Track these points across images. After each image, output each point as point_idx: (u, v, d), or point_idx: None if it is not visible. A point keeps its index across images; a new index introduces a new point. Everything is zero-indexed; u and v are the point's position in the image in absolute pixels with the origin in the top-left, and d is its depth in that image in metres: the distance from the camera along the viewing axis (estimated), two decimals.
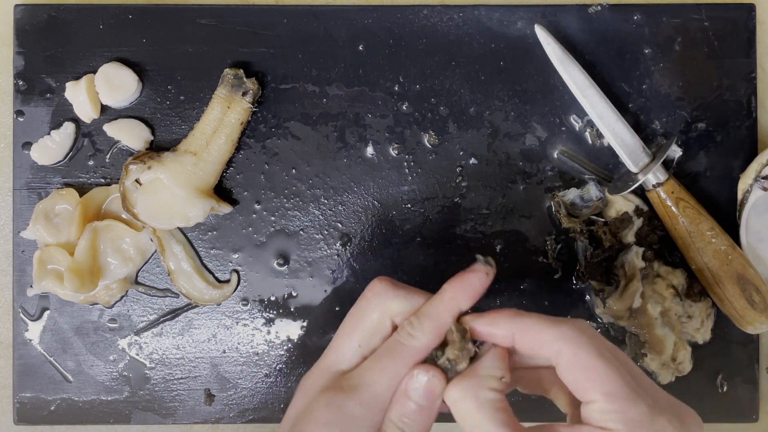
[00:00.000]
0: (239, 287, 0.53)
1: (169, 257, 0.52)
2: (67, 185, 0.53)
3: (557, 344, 0.32)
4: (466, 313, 0.36)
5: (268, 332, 0.53)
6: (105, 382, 0.53)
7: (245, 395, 0.53)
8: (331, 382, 0.35)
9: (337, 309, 0.53)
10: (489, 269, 0.35)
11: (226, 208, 0.52)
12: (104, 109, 0.53)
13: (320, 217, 0.53)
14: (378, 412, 0.34)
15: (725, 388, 0.53)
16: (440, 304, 0.35)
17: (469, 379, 0.33)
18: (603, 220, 0.53)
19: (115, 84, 0.52)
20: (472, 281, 0.35)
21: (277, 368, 0.53)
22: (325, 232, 0.53)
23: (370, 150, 0.53)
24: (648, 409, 0.31)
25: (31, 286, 0.52)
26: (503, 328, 0.34)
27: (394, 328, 0.36)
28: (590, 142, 0.53)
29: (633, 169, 0.51)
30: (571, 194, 0.52)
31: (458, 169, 0.53)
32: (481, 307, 0.36)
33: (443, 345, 0.35)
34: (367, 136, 0.53)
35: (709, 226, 0.50)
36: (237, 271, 0.53)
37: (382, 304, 0.36)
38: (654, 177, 0.50)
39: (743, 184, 0.51)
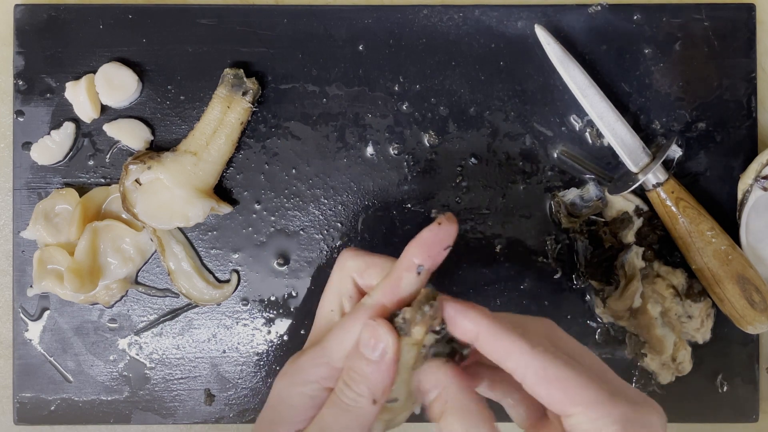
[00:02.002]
0: (239, 287, 0.53)
1: (169, 257, 0.52)
2: (67, 185, 0.53)
3: (525, 357, 0.31)
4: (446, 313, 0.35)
5: (268, 332, 0.53)
6: (105, 382, 0.53)
7: (245, 395, 0.53)
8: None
9: None
10: (441, 218, 0.32)
11: (226, 208, 0.52)
12: (104, 109, 0.53)
13: (320, 217, 0.53)
14: (324, 365, 0.34)
15: (725, 388, 0.53)
16: (397, 262, 0.33)
17: (471, 407, 0.32)
18: (603, 220, 0.53)
19: (115, 84, 0.52)
20: (426, 235, 0.33)
21: (277, 368, 0.53)
22: (325, 232, 0.53)
23: (370, 150, 0.53)
24: (629, 406, 0.31)
25: (31, 286, 0.52)
26: (470, 323, 0.32)
27: (362, 294, 0.36)
28: (590, 142, 0.53)
29: (633, 169, 0.51)
30: (571, 194, 0.52)
31: (458, 169, 0.53)
32: (480, 305, 0.36)
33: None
34: (367, 136, 0.53)
35: (709, 226, 0.50)
36: (237, 271, 0.53)
37: (340, 264, 0.37)
38: (654, 177, 0.50)
39: (743, 184, 0.51)
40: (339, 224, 0.53)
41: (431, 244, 0.32)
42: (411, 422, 0.36)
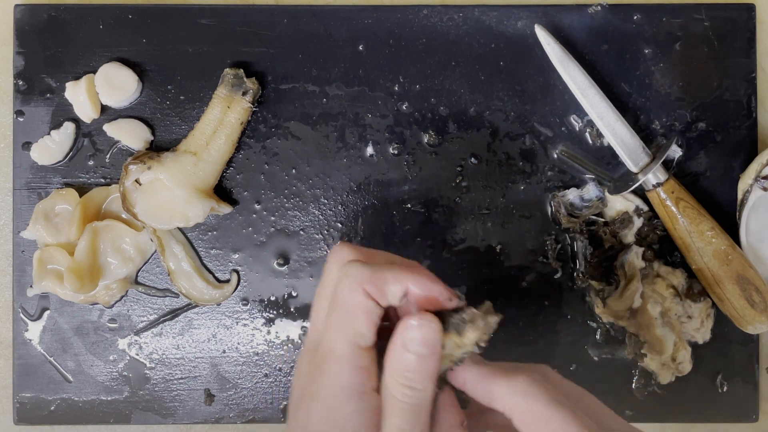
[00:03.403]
0: (239, 287, 0.53)
1: (169, 257, 0.52)
2: (67, 185, 0.53)
3: (512, 398, 0.32)
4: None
5: (268, 332, 0.53)
6: (105, 382, 0.53)
7: (245, 395, 0.53)
8: None
9: None
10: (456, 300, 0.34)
11: (226, 208, 0.52)
12: (104, 109, 0.53)
13: (320, 217, 0.53)
14: (359, 369, 0.33)
15: (725, 388, 0.53)
16: (399, 272, 0.33)
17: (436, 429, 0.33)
18: (603, 220, 0.53)
19: (115, 84, 0.52)
20: (431, 287, 0.33)
21: (277, 368, 0.53)
22: (325, 232, 0.53)
23: (370, 150, 0.53)
24: None
25: (31, 286, 0.52)
26: (458, 372, 0.34)
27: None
28: (590, 142, 0.53)
29: (633, 169, 0.51)
30: (571, 194, 0.52)
31: (458, 169, 0.53)
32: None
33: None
34: (367, 136, 0.53)
35: (709, 226, 0.50)
36: (237, 271, 0.53)
37: (334, 256, 0.35)
38: (654, 177, 0.50)
39: (743, 184, 0.51)
40: (339, 224, 0.53)
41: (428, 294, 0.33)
42: None
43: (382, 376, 0.33)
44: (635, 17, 0.53)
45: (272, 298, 0.53)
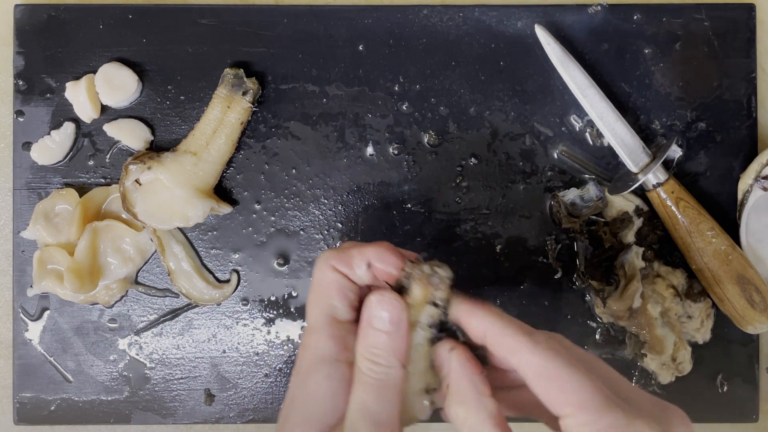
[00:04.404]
0: (239, 287, 0.53)
1: (169, 257, 0.52)
2: (67, 185, 0.53)
3: (527, 355, 0.32)
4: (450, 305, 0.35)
5: (268, 332, 0.53)
6: (105, 382, 0.53)
7: (245, 395, 0.53)
8: None
9: None
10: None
11: (226, 209, 0.52)
12: (104, 109, 0.53)
13: (320, 217, 0.53)
14: (331, 338, 0.34)
15: (725, 388, 0.53)
16: (362, 247, 0.35)
17: (469, 396, 0.33)
18: (603, 220, 0.53)
19: (115, 84, 0.52)
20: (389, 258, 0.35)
21: (277, 368, 0.53)
22: (325, 232, 0.53)
23: (370, 150, 0.53)
24: (623, 415, 0.30)
25: (31, 286, 0.52)
26: (478, 322, 0.33)
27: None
28: (590, 142, 0.53)
29: (633, 169, 0.51)
30: (571, 194, 0.52)
31: (458, 169, 0.53)
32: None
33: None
34: (367, 136, 0.53)
35: (709, 226, 0.50)
36: (237, 271, 0.53)
37: (322, 259, 0.36)
38: (654, 177, 0.50)
39: (743, 184, 0.51)
40: (339, 224, 0.53)
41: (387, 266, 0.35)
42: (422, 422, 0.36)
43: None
44: (635, 17, 0.53)
45: (272, 298, 0.53)
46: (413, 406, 0.34)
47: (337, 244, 0.53)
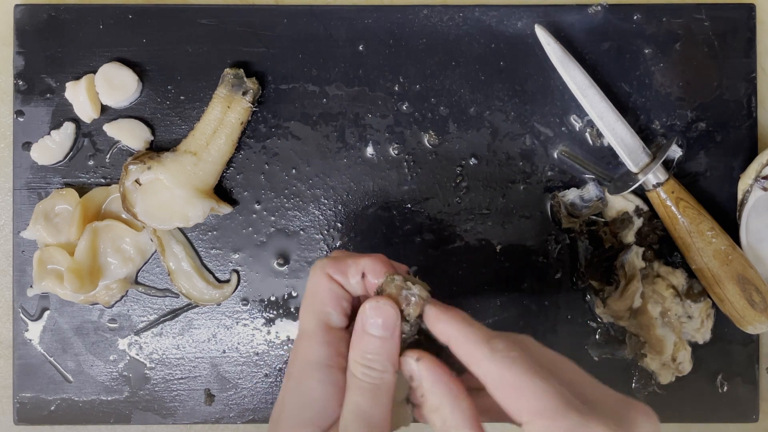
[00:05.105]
0: (239, 287, 0.53)
1: (169, 257, 0.52)
2: (67, 185, 0.53)
3: (485, 362, 0.32)
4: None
5: (268, 332, 0.53)
6: (105, 382, 0.53)
7: (245, 395, 0.53)
8: None
9: None
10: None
11: (226, 209, 0.52)
12: (104, 109, 0.53)
13: (320, 217, 0.53)
14: (324, 345, 0.35)
15: (725, 388, 0.53)
16: (357, 257, 0.36)
17: (444, 400, 0.33)
18: (603, 220, 0.53)
19: (115, 84, 0.52)
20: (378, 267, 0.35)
21: (277, 368, 0.53)
22: (325, 232, 0.53)
23: (370, 150, 0.53)
24: (579, 417, 0.30)
25: (31, 286, 0.52)
26: (443, 328, 0.33)
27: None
28: (590, 142, 0.53)
29: (633, 169, 0.51)
30: (571, 194, 0.52)
31: (458, 169, 0.53)
32: (480, 305, 0.36)
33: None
34: (367, 136, 0.53)
35: (709, 226, 0.50)
36: (237, 271, 0.53)
37: (318, 267, 0.37)
38: (654, 177, 0.50)
39: (743, 184, 0.51)
40: (339, 224, 0.53)
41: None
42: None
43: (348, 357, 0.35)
44: (635, 17, 0.53)
45: (272, 298, 0.53)
46: (398, 413, 0.35)
47: (337, 244, 0.53)
